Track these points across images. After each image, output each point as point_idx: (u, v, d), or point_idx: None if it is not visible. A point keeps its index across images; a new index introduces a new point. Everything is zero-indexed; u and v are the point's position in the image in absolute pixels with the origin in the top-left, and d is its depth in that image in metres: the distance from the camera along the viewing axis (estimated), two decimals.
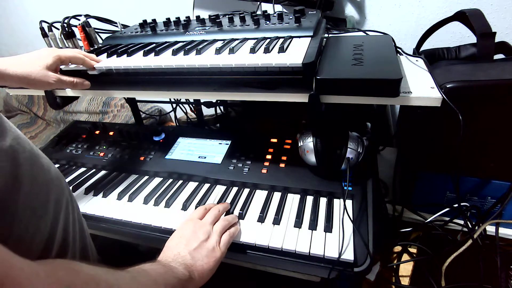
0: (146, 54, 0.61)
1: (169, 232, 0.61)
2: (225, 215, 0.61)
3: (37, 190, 0.37)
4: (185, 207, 0.66)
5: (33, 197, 0.36)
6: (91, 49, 0.76)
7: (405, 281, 0.68)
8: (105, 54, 0.65)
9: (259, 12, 0.84)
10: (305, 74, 0.50)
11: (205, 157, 0.78)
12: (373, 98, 0.50)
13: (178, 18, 0.78)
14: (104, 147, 0.88)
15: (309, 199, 0.66)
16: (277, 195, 0.68)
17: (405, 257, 0.72)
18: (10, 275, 0.24)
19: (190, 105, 1.14)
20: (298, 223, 0.60)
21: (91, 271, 0.33)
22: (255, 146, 0.79)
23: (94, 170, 0.82)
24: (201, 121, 1.11)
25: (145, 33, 0.74)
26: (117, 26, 0.83)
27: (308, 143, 0.65)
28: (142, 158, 0.81)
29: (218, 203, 0.65)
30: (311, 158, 0.65)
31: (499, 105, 0.58)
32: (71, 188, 0.74)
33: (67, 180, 0.79)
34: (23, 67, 0.56)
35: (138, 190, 0.73)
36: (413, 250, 0.73)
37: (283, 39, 0.59)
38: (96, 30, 0.80)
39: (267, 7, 0.88)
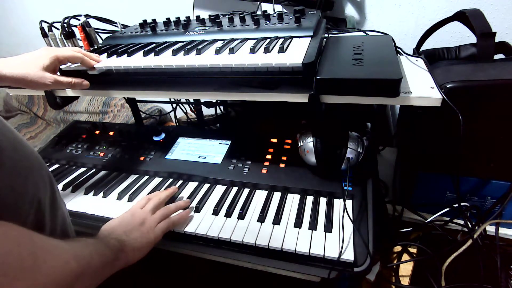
0: (146, 54, 0.61)
1: (169, 232, 0.61)
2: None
3: (18, 172, 0.42)
4: (185, 207, 0.66)
5: (14, 177, 0.41)
6: (91, 49, 0.76)
7: (405, 281, 0.68)
8: (105, 54, 0.65)
9: (259, 12, 0.84)
10: (305, 74, 0.50)
11: (205, 157, 0.78)
12: (373, 98, 0.50)
13: (178, 18, 0.78)
14: (104, 147, 0.88)
15: (309, 199, 0.66)
16: (277, 195, 0.68)
17: (405, 257, 0.72)
18: None
19: (190, 105, 1.14)
20: (298, 223, 0.60)
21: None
22: (255, 146, 0.79)
23: (94, 170, 0.82)
24: (201, 121, 1.11)
25: (145, 33, 0.74)
26: (117, 26, 0.83)
27: (308, 143, 0.65)
28: (142, 158, 0.81)
29: (217, 203, 0.66)
30: (311, 158, 0.65)
31: (499, 105, 0.58)
32: (71, 188, 0.75)
33: (67, 180, 0.79)
34: (19, 68, 0.56)
35: (138, 190, 0.73)
36: (413, 250, 0.73)
37: (283, 39, 0.59)
38: (96, 30, 0.80)
39: (267, 7, 0.88)
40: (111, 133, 0.93)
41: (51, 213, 0.48)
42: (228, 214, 0.63)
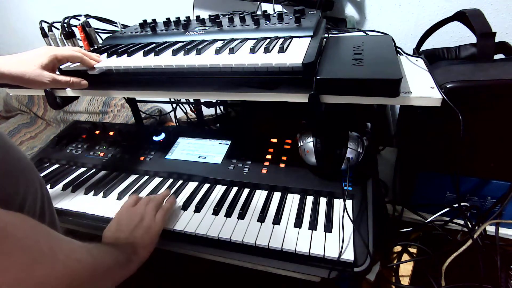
0: (146, 54, 0.61)
1: (169, 232, 0.61)
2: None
3: (9, 173, 0.44)
4: (185, 207, 0.66)
5: (5, 178, 0.43)
6: (91, 49, 0.76)
7: (405, 281, 0.68)
8: (105, 54, 0.65)
9: (259, 12, 0.84)
10: (305, 74, 0.50)
11: (205, 157, 0.78)
12: (373, 98, 0.50)
13: (178, 18, 0.78)
14: (104, 147, 0.88)
15: (309, 199, 0.66)
16: (277, 195, 0.68)
17: (405, 257, 0.72)
18: None
19: (190, 105, 1.14)
20: (298, 223, 0.60)
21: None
22: (255, 146, 0.79)
23: (94, 170, 0.82)
24: (201, 121, 1.12)
25: (145, 33, 0.74)
26: (117, 26, 0.83)
27: (308, 143, 0.65)
28: (142, 158, 0.81)
29: (217, 203, 0.66)
30: (311, 158, 0.65)
31: (499, 105, 0.58)
32: (71, 188, 0.75)
33: (67, 180, 0.79)
34: (18, 66, 0.56)
35: (138, 190, 0.73)
36: (413, 250, 0.73)
37: (283, 39, 0.59)
38: (96, 30, 0.80)
39: (267, 7, 0.88)
40: (111, 133, 0.93)
41: (40, 217, 0.49)
42: (228, 214, 0.63)
